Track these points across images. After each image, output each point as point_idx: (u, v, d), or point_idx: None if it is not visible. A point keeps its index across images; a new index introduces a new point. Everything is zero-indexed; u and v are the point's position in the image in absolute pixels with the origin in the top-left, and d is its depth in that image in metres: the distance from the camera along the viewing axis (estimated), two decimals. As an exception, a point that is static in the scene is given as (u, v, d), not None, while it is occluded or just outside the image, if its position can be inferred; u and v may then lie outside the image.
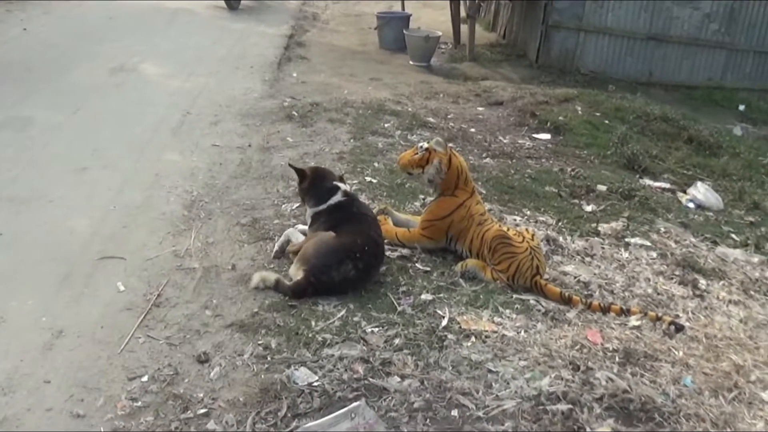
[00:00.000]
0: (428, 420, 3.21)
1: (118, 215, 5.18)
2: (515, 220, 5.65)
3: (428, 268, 4.68)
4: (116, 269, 4.45)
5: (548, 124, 8.48)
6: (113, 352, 3.64)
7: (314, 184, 4.60)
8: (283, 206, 5.39)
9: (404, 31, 11.84)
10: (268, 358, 3.59)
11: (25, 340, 3.71)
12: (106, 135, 6.71)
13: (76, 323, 3.87)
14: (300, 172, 4.64)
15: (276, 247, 4.66)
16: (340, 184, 4.62)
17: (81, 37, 10.79)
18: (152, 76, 9.12)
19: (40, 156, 6.16)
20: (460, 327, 3.97)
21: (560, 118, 8.59)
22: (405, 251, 4.86)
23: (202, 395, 3.33)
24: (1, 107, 7.27)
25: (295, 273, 4.23)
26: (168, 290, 4.24)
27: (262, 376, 3.46)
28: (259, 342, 3.71)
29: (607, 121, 8.75)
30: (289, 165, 4.84)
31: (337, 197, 4.53)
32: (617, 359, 3.84)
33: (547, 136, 8.21)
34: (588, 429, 3.23)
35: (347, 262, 4.18)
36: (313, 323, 3.88)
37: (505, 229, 4.74)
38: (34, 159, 6.08)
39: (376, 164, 6.40)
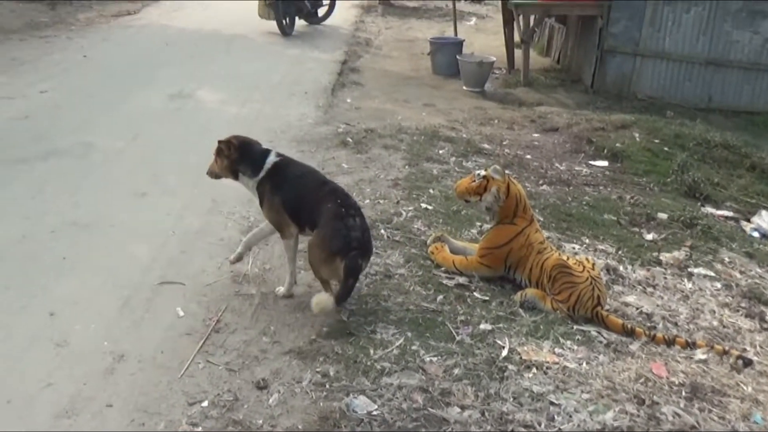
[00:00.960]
0: (490, 453, 3.16)
1: (177, 240, 5.25)
2: (574, 248, 5.56)
3: (487, 297, 4.62)
4: (176, 294, 4.50)
5: (605, 150, 8.36)
6: (174, 377, 3.67)
7: (243, 151, 4.49)
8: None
9: (457, 57, 11.83)
10: (327, 386, 3.57)
11: (88, 363, 3.76)
12: (165, 161, 6.82)
13: (137, 348, 3.91)
14: (227, 142, 4.47)
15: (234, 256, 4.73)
16: (268, 148, 4.60)
17: (139, 63, 11.04)
18: (209, 102, 9.26)
19: (102, 181, 6.28)
20: (521, 357, 3.91)
21: (618, 144, 8.46)
22: (462, 279, 4.81)
23: (261, 422, 3.33)
24: (63, 133, 7.45)
25: (338, 271, 4.12)
26: (227, 316, 4.26)
27: (321, 404, 3.44)
28: (318, 369, 3.70)
29: (666, 148, 8.59)
30: (218, 141, 4.55)
31: (272, 158, 4.47)
32: (684, 394, 3.74)
33: (604, 163, 8.10)
34: (656, 466, 3.14)
35: (348, 219, 4.18)
36: (371, 351, 3.85)
37: (564, 257, 4.67)
38: (95, 184, 6.20)
39: (431, 191, 6.38)
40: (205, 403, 3.45)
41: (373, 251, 4.47)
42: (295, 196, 4.39)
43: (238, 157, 4.48)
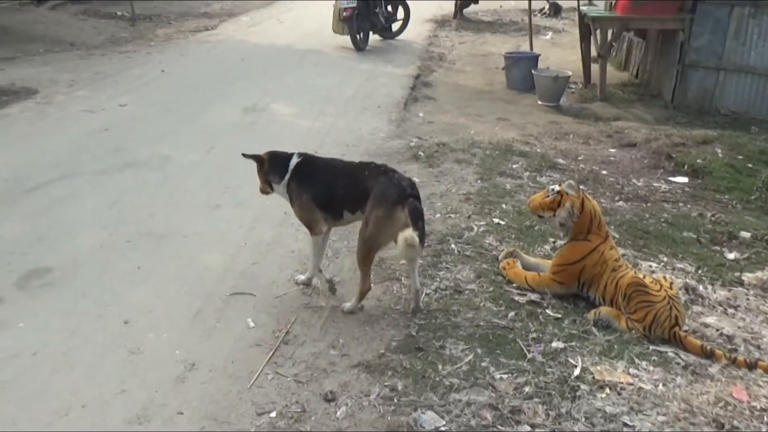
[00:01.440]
0: (561, 474, 3.07)
1: (249, 252, 5.31)
2: (651, 266, 5.39)
3: (559, 315, 4.52)
4: (247, 305, 4.55)
5: (685, 166, 8.10)
6: (243, 386, 3.70)
7: (272, 162, 4.65)
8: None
9: (533, 71, 11.70)
10: (395, 400, 3.55)
11: (161, 371, 3.83)
12: (239, 173, 6.89)
13: (208, 357, 3.96)
14: (257, 158, 4.67)
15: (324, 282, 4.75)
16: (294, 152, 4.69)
17: (215, 78, 11.29)
18: (283, 115, 9.39)
19: (177, 193, 6.42)
20: (594, 377, 3.80)
21: (699, 160, 8.19)
22: (534, 296, 4.71)
23: (328, 434, 3.32)
24: (140, 146, 7.66)
25: (403, 220, 4.10)
26: (296, 328, 4.29)
27: (389, 418, 3.42)
28: (386, 383, 3.68)
29: (750, 165, 8.27)
30: (243, 155, 4.75)
31: (294, 160, 4.58)
32: (765, 419, 3.58)
33: (684, 179, 7.85)
34: (736, 495, 3.00)
35: (402, 180, 4.29)
36: (440, 367, 3.81)
37: (641, 276, 4.53)
38: (170, 196, 6.34)
39: (504, 206, 6.29)
40: (273, 414, 3.47)
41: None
42: (324, 185, 4.51)
43: (269, 167, 4.65)
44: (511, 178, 7.18)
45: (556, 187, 4.75)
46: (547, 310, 4.58)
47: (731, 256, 5.83)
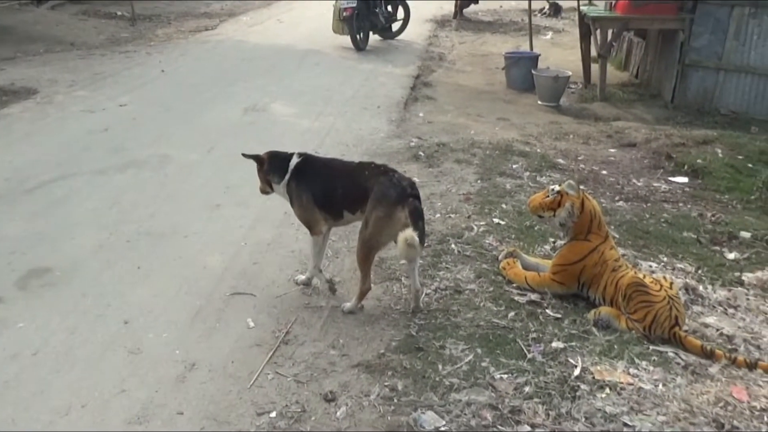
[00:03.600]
0: (561, 474, 3.07)
1: (249, 252, 5.31)
2: (651, 266, 5.39)
3: (559, 315, 4.52)
4: (246, 305, 4.55)
5: (685, 167, 8.10)
6: (243, 386, 3.70)
7: (271, 161, 4.66)
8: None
9: (533, 71, 11.70)
10: (395, 400, 3.55)
11: (160, 371, 3.83)
12: (239, 173, 6.90)
13: (208, 357, 3.96)
14: (257, 158, 4.68)
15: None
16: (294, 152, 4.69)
17: (215, 78, 11.29)
18: (283, 116, 9.39)
19: (177, 193, 6.42)
20: (594, 377, 3.81)
21: (699, 160, 8.19)
22: (534, 296, 4.71)
23: (328, 434, 3.32)
24: (141, 145, 7.66)
25: (403, 221, 4.11)
26: (296, 328, 4.29)
27: (389, 418, 3.42)
28: (386, 383, 3.68)
29: (750, 165, 8.26)
30: (243, 155, 4.76)
31: (295, 160, 4.58)
32: (766, 419, 3.57)
33: (684, 179, 7.85)
34: (736, 495, 3.00)
35: (402, 180, 4.30)
36: (440, 367, 3.82)
37: (641, 276, 4.53)
38: (170, 195, 6.35)
39: (504, 206, 6.29)
40: (273, 414, 3.48)
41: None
42: (323, 185, 4.51)
43: (269, 167, 4.65)
44: (511, 178, 7.18)
45: (557, 188, 4.75)
46: (547, 310, 4.58)
47: (731, 256, 5.83)
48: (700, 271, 5.43)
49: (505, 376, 3.77)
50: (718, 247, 6.01)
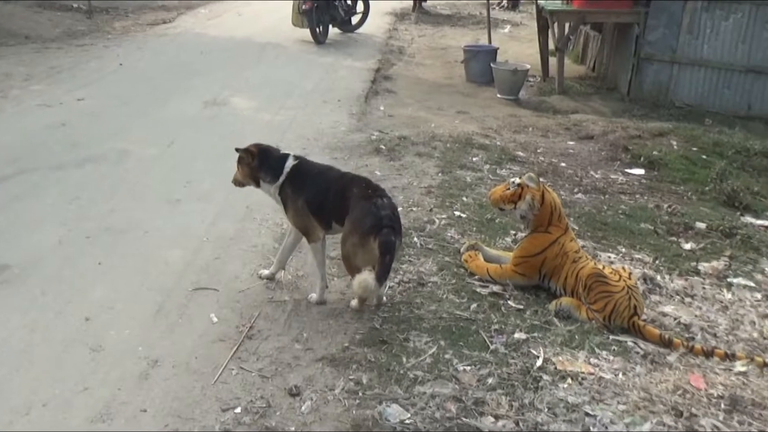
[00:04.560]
0: (524, 464, 3.11)
1: (211, 247, 5.27)
2: (610, 257, 5.49)
3: (521, 306, 4.58)
4: (209, 300, 4.52)
5: (642, 159, 8.25)
6: (207, 382, 3.68)
7: (263, 158, 4.54)
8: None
9: (491, 65, 11.79)
10: (360, 394, 3.56)
11: (123, 368, 3.78)
12: (199, 168, 6.87)
13: (171, 353, 3.93)
14: (247, 151, 4.54)
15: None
16: (285, 152, 4.61)
17: (174, 71, 11.16)
18: (243, 109, 9.33)
19: (136, 188, 6.34)
20: (556, 368, 3.86)
21: (655, 152, 8.34)
22: (497, 288, 4.77)
23: (293, 429, 3.33)
24: (99, 140, 7.54)
25: (373, 250, 4.08)
26: (260, 322, 4.27)
27: (354, 412, 3.42)
28: (351, 377, 3.69)
29: (704, 156, 8.45)
30: (236, 150, 4.62)
31: (291, 162, 4.49)
32: (723, 406, 3.65)
33: (641, 171, 7.99)
34: (695, 481, 3.07)
35: (376, 199, 4.21)
36: (404, 359, 3.84)
37: (600, 267, 4.61)
38: (130, 191, 6.27)
39: (465, 198, 6.34)
40: (238, 410, 3.45)
41: (402, 229, 4.45)
42: (317, 192, 4.42)
43: (258, 164, 4.53)
44: (472, 171, 7.24)
45: (517, 180, 4.80)
46: (509, 302, 4.63)
47: (687, 246, 5.96)
48: (657, 262, 5.54)
49: (468, 367, 3.81)
50: (674, 237, 6.14)
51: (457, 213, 5.99)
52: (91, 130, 7.92)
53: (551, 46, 12.39)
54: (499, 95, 11.38)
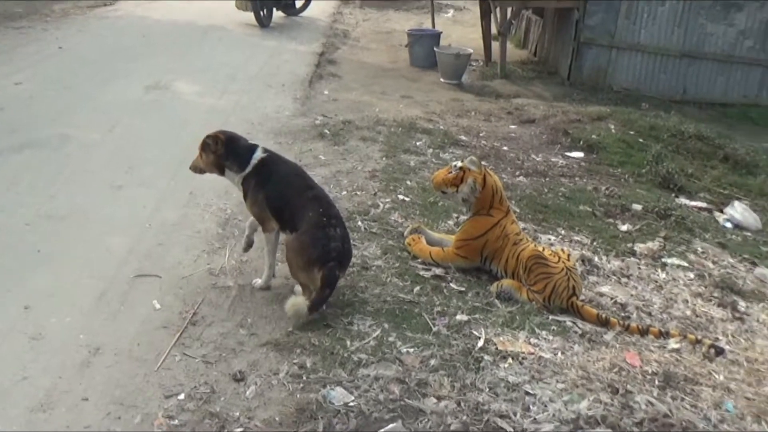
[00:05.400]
0: (466, 443, 3.18)
1: (153, 233, 5.22)
2: (550, 239, 5.61)
3: (463, 288, 4.65)
4: (152, 287, 4.48)
5: (581, 142, 8.42)
6: (150, 369, 3.66)
7: (230, 146, 4.44)
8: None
9: (435, 49, 11.84)
10: (304, 378, 3.57)
11: (64, 356, 3.74)
12: (142, 153, 6.77)
13: (114, 341, 3.89)
14: (214, 137, 4.43)
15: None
16: (254, 143, 4.53)
17: (115, 55, 10.94)
18: (186, 94, 9.20)
19: (77, 173, 6.23)
20: (497, 348, 3.94)
21: (593, 136, 8.52)
22: (439, 271, 4.83)
23: (238, 414, 3.33)
24: (39, 125, 7.37)
25: (315, 280, 4.09)
26: (203, 308, 4.25)
27: (298, 396, 3.44)
28: (295, 361, 3.70)
29: (641, 140, 8.66)
30: (207, 137, 4.48)
31: (259, 154, 4.42)
32: (657, 383, 3.78)
33: (580, 154, 8.15)
34: (628, 454, 3.18)
35: (329, 229, 4.16)
36: (348, 343, 3.87)
37: (540, 249, 4.71)
38: (71, 177, 6.15)
39: (408, 182, 6.40)
40: (182, 396, 3.44)
41: (350, 261, 4.44)
42: (278, 195, 4.34)
43: (225, 152, 4.43)
44: (415, 155, 7.29)
45: (459, 164, 4.86)
46: (451, 284, 4.70)
47: (624, 227, 6.12)
48: (595, 243, 5.68)
49: (411, 350, 3.85)
50: (612, 219, 6.30)
51: (400, 197, 6.04)
52: (29, 115, 7.73)
53: (494, 30, 12.50)
54: (442, 79, 11.45)
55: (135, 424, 3.26)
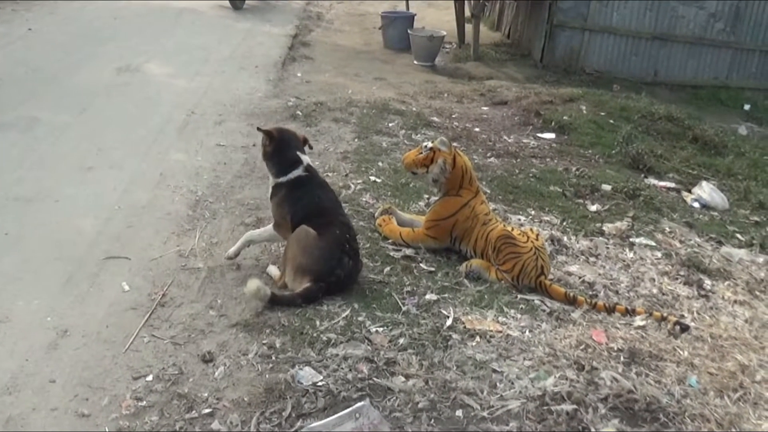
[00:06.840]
0: (433, 420, 3.20)
1: (123, 215, 5.20)
2: (520, 219, 5.65)
3: (432, 269, 4.68)
4: (121, 269, 4.46)
5: (553, 123, 8.47)
6: (118, 351, 3.65)
7: (278, 149, 4.42)
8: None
9: (408, 31, 11.84)
10: (273, 358, 3.58)
11: (31, 339, 3.72)
12: (112, 135, 6.72)
13: (81, 323, 3.88)
14: (268, 134, 4.42)
15: (233, 250, 4.56)
16: (303, 156, 4.46)
17: (86, 37, 10.80)
18: (157, 76, 9.13)
19: (46, 156, 6.17)
20: (465, 327, 3.96)
21: (565, 117, 8.57)
22: (409, 251, 4.85)
23: (206, 395, 3.33)
24: (7, 107, 7.28)
25: (299, 284, 4.13)
26: (173, 290, 4.25)
27: (267, 376, 3.45)
28: (264, 341, 3.70)
29: (611, 121, 8.73)
30: (258, 129, 4.55)
31: (298, 171, 4.39)
32: (622, 359, 3.83)
33: (551, 135, 8.21)
34: (593, 429, 3.22)
35: (344, 256, 4.16)
36: (317, 323, 3.87)
37: (509, 229, 4.74)
38: (40, 159, 6.09)
39: (380, 164, 6.41)
40: (150, 378, 3.44)
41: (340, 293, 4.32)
42: (305, 215, 4.27)
43: (272, 153, 4.42)
44: (388, 136, 7.30)
45: (429, 144, 4.87)
46: (421, 264, 4.72)
47: (593, 208, 6.18)
48: (564, 223, 5.73)
49: (380, 329, 3.87)
50: (581, 199, 6.36)
51: (372, 178, 6.05)
52: (-4, 97, 7.64)
53: (467, 12, 12.50)
54: (415, 62, 11.45)
55: (102, 406, 3.25)
